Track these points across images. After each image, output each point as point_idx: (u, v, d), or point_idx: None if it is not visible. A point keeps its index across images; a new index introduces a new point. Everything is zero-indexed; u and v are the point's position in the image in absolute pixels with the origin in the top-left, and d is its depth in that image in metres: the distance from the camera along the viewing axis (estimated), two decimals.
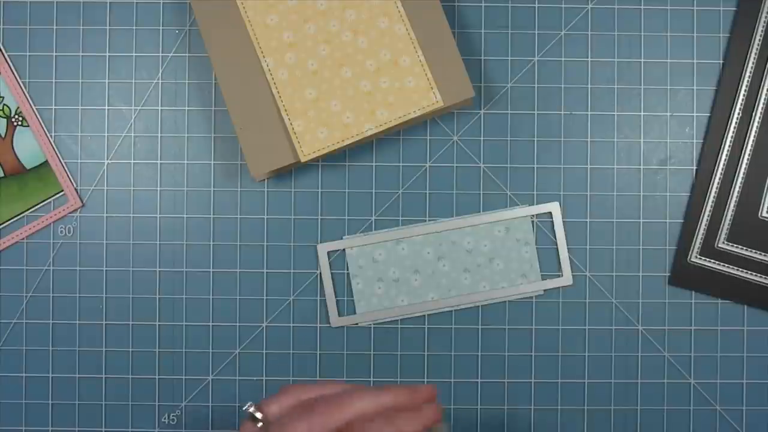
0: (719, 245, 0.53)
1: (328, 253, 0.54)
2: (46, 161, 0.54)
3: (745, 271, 0.53)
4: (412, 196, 0.54)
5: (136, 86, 0.54)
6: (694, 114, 0.54)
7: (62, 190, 0.54)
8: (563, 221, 0.54)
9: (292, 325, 0.54)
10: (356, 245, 0.53)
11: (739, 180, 0.53)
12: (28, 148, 0.54)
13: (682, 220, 0.54)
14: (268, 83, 0.50)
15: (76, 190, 0.54)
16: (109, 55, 0.54)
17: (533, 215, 0.54)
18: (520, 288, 0.53)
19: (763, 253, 0.53)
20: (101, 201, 0.54)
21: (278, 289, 0.54)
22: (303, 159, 0.50)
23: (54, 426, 0.54)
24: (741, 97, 0.53)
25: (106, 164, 0.54)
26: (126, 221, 0.54)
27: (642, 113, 0.54)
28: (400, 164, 0.54)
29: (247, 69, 0.50)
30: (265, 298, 0.54)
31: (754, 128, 0.53)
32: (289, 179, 0.54)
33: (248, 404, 0.42)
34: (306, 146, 0.50)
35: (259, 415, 0.41)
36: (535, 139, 0.54)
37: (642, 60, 0.54)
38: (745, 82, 0.53)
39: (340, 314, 0.54)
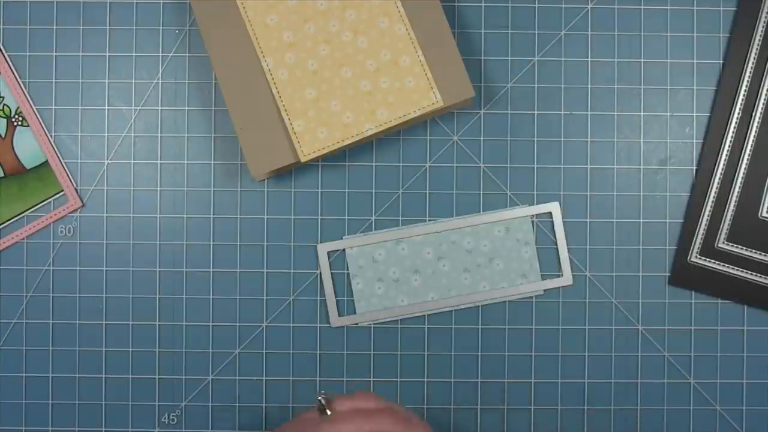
0: (719, 245, 0.53)
1: (328, 253, 0.54)
2: (46, 161, 0.54)
3: (745, 271, 0.53)
4: (412, 196, 0.54)
5: (136, 86, 0.54)
6: (694, 114, 0.54)
7: (62, 190, 0.54)
8: (563, 221, 0.54)
9: (292, 325, 0.54)
10: (356, 245, 0.53)
11: (739, 180, 0.53)
12: (28, 148, 0.54)
13: (682, 220, 0.54)
14: (268, 83, 0.50)
15: (76, 190, 0.54)
16: (109, 55, 0.54)
17: (533, 215, 0.54)
18: (520, 288, 0.53)
19: (763, 253, 0.53)
20: (101, 201, 0.54)
21: (278, 289, 0.54)
22: (303, 159, 0.50)
23: (54, 426, 0.54)
24: (741, 97, 0.53)
25: (106, 164, 0.54)
26: (126, 221, 0.54)
27: (642, 113, 0.54)
28: (400, 164, 0.54)
29: (247, 69, 0.50)
30: (265, 298, 0.54)
31: (754, 128, 0.53)
32: (289, 179, 0.54)
33: (321, 394, 0.44)
34: (306, 146, 0.50)
35: (327, 411, 0.44)
36: (535, 139, 0.54)
37: (642, 60, 0.54)
38: (745, 82, 0.53)
39: (340, 314, 0.54)
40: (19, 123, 0.54)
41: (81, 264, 0.54)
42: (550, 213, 0.54)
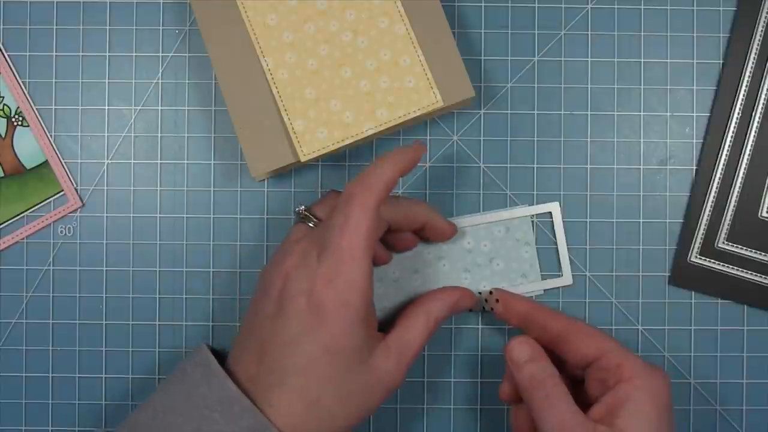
0: (719, 245, 0.53)
1: None
2: (46, 161, 0.54)
3: (745, 271, 0.53)
4: (412, 197, 0.54)
5: (136, 86, 0.54)
6: (694, 114, 0.54)
7: (62, 190, 0.54)
8: (563, 221, 0.54)
9: None
10: None
11: (739, 180, 0.53)
12: (28, 148, 0.54)
13: (682, 220, 0.54)
14: (268, 83, 0.50)
15: (76, 190, 0.54)
16: (109, 55, 0.54)
17: (533, 215, 0.54)
18: (520, 288, 0.53)
19: (763, 253, 0.53)
20: (101, 201, 0.54)
21: None
22: (303, 159, 0.50)
23: (54, 426, 0.54)
24: (741, 97, 0.53)
25: (106, 164, 0.54)
26: (126, 221, 0.54)
27: (642, 113, 0.54)
28: None
29: (247, 69, 0.50)
30: None
31: (754, 128, 0.53)
32: (289, 179, 0.54)
33: (300, 207, 0.47)
34: (306, 146, 0.50)
35: (313, 221, 0.46)
36: (535, 139, 0.54)
37: (642, 60, 0.54)
38: (745, 82, 0.53)
39: None
40: (19, 123, 0.54)
41: (81, 264, 0.54)
42: (550, 213, 0.54)
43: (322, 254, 0.43)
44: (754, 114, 0.53)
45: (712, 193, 0.53)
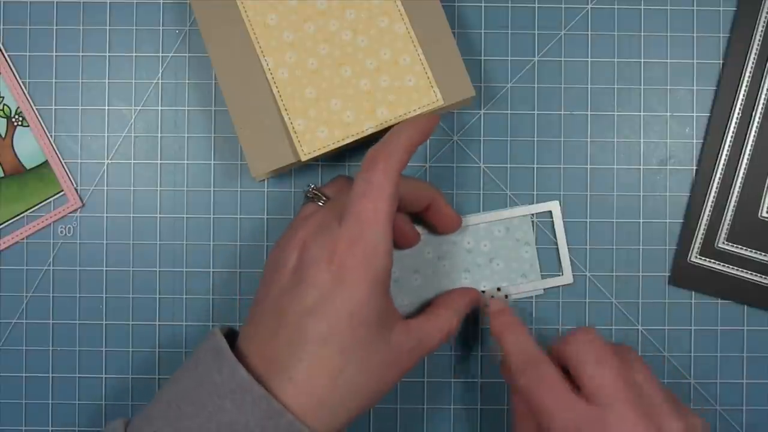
0: (719, 245, 0.53)
1: None
2: (46, 161, 0.54)
3: (745, 271, 0.53)
4: None
5: (136, 86, 0.54)
6: (694, 114, 0.54)
7: (62, 190, 0.54)
8: (563, 221, 0.54)
9: None
10: None
11: (739, 180, 0.53)
12: (28, 148, 0.54)
13: (682, 220, 0.54)
14: (268, 83, 0.50)
15: (76, 190, 0.54)
16: (109, 55, 0.54)
17: (533, 214, 0.54)
18: (520, 288, 0.53)
19: (763, 253, 0.53)
20: (101, 201, 0.54)
21: None
22: (303, 158, 0.50)
23: (54, 426, 0.54)
24: (741, 97, 0.53)
25: (106, 164, 0.54)
26: (126, 221, 0.54)
27: (642, 113, 0.54)
28: None
29: (247, 69, 0.50)
30: None
31: (754, 128, 0.53)
32: (289, 179, 0.54)
33: (310, 186, 0.47)
34: (306, 145, 0.50)
35: (321, 199, 0.47)
36: (535, 139, 0.54)
37: (642, 60, 0.54)
38: (745, 82, 0.53)
39: None
40: (19, 123, 0.54)
41: (81, 264, 0.54)
42: (550, 212, 0.54)
43: (344, 219, 0.42)
44: (754, 114, 0.53)
45: (712, 193, 0.53)
